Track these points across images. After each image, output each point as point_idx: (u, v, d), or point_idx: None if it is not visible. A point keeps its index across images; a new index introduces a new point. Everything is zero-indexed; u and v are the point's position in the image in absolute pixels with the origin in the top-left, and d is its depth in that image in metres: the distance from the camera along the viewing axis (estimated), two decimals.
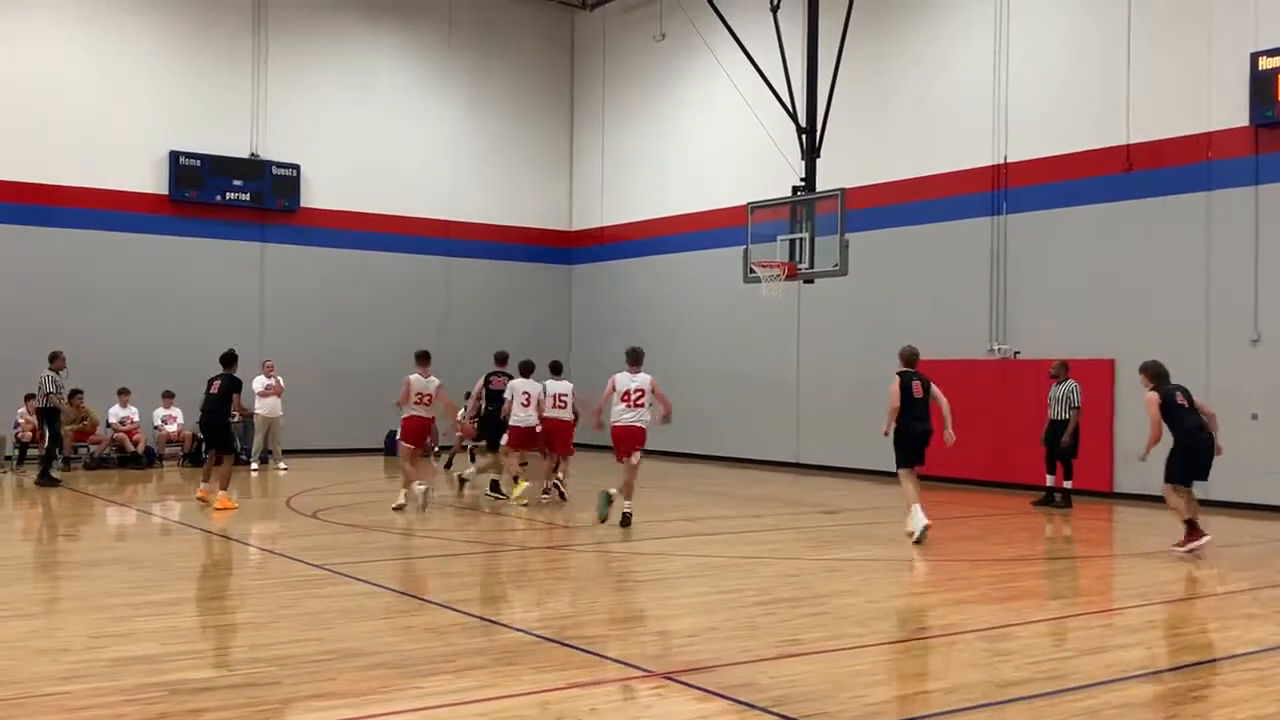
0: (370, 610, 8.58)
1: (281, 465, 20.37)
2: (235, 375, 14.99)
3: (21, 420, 19.80)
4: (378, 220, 24.74)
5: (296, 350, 22.88)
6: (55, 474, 17.80)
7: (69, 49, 21.75)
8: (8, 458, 19.84)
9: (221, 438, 14.80)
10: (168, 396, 21.02)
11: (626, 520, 12.93)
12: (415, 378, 14.51)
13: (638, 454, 13.19)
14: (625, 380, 13.32)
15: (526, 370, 15.59)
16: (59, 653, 7.18)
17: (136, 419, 20.69)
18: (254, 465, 20.27)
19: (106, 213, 21.90)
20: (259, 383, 20.35)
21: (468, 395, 17.71)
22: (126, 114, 22.17)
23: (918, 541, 12.03)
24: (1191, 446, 11.53)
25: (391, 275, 24.82)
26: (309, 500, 15.58)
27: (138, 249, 22.15)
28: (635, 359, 13.45)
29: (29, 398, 18.83)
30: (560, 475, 15.57)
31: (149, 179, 22.39)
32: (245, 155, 23.20)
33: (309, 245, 23.91)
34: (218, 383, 14.82)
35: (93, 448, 20.29)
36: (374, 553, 11.53)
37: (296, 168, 23.61)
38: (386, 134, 24.92)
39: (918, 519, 12.17)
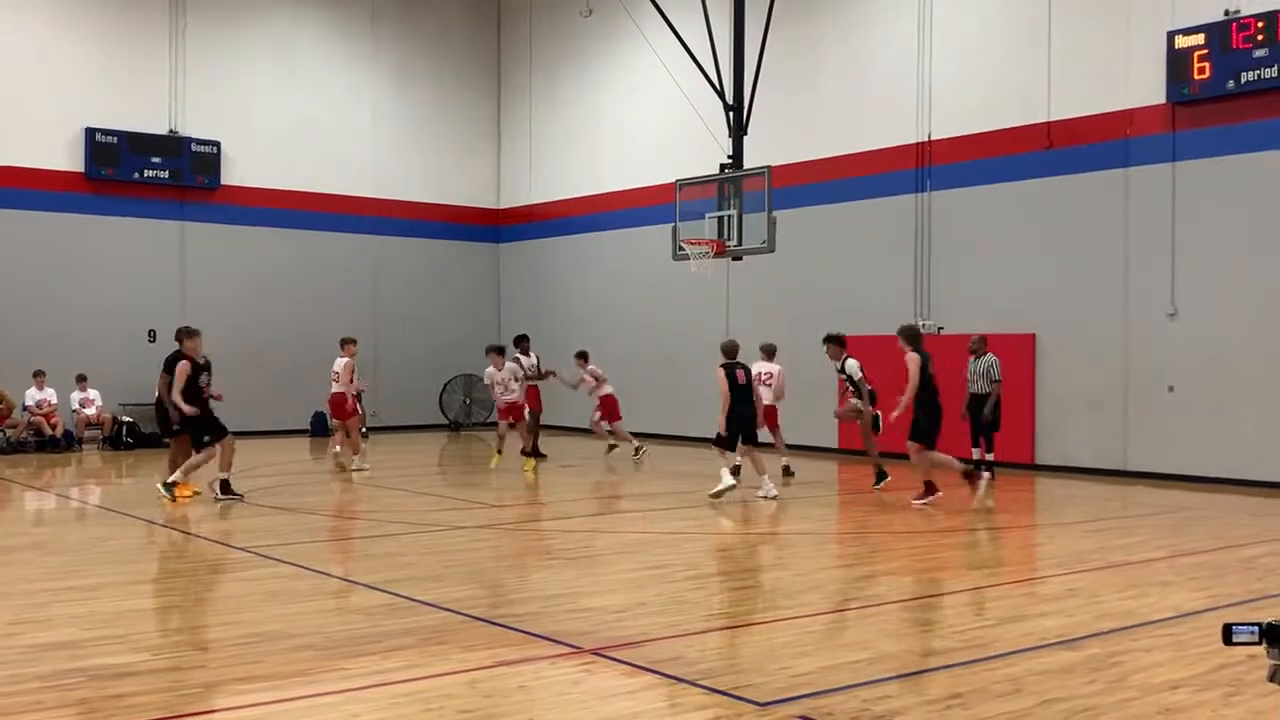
0: (296, 593, 8.49)
1: None
2: (178, 353, 13.77)
3: None
4: (301, 198, 24.35)
5: (219, 330, 22.37)
6: None
7: None
8: None
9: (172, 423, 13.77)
10: (82, 380, 20.56)
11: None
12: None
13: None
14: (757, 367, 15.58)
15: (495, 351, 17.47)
16: None
17: (54, 401, 20.24)
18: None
19: (20, 191, 21.27)
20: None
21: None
22: (40, 90, 21.54)
23: (715, 495, 13.36)
24: (938, 407, 13.26)
25: (316, 254, 24.46)
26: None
27: (53, 228, 21.56)
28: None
29: None
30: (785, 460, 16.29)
31: (64, 156, 21.80)
32: (163, 132, 22.68)
33: (230, 224, 23.45)
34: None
35: (9, 432, 19.81)
36: (300, 535, 11.40)
37: (217, 144, 23.12)
38: (309, 110, 24.51)
39: (728, 479, 13.50)
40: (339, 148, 24.89)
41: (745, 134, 17.90)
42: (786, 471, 16.05)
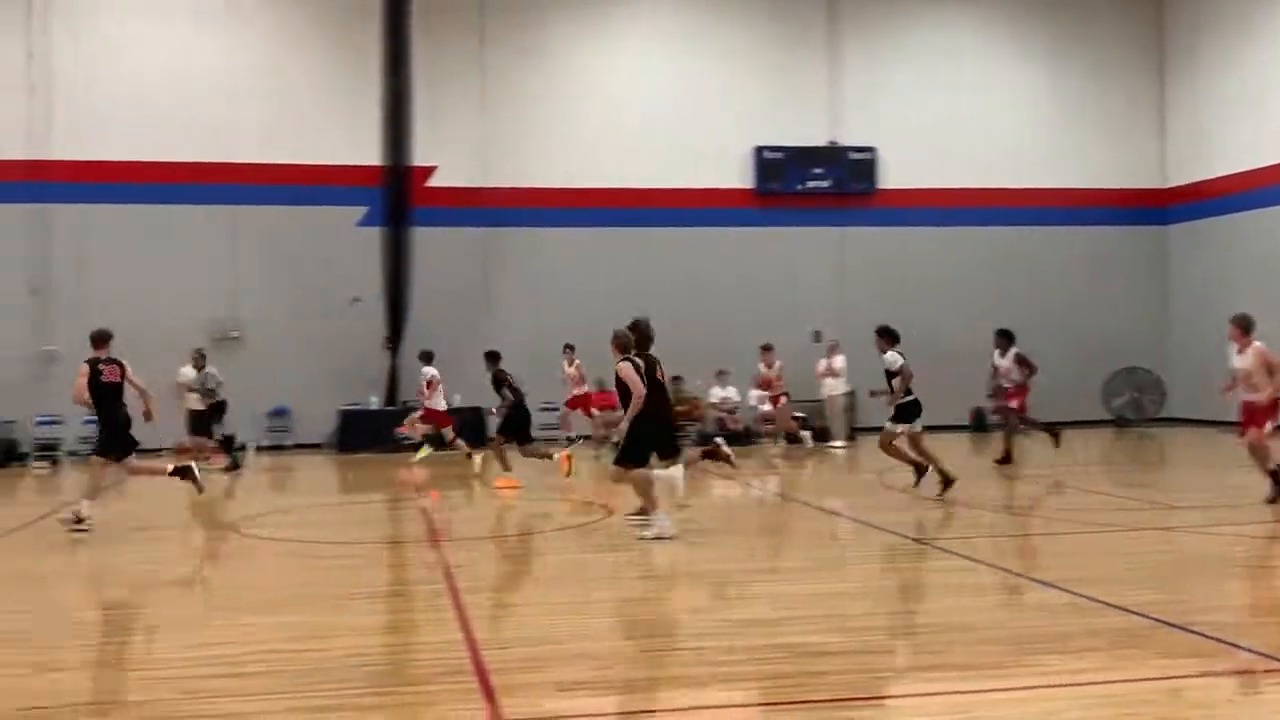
0: (972, 586, 8.51)
1: (838, 443, 20.75)
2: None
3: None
4: (952, 195, 24.46)
5: (870, 329, 23.19)
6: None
7: (660, 66, 23.80)
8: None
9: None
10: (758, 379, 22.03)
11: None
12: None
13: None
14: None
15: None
16: (692, 612, 7.88)
17: (736, 399, 22.12)
18: (837, 443, 20.86)
19: (701, 210, 23.61)
20: (823, 365, 21.16)
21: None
22: (717, 118, 23.77)
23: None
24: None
25: (968, 250, 24.43)
26: (893, 478, 15.77)
27: (728, 242, 23.66)
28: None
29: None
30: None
31: (736, 176, 23.87)
32: (823, 144, 23.98)
33: (885, 225, 24.23)
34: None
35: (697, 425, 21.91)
36: (965, 528, 11.44)
37: (873, 150, 24.04)
38: (958, 107, 24.56)
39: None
40: (989, 142, 24.66)
41: None
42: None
